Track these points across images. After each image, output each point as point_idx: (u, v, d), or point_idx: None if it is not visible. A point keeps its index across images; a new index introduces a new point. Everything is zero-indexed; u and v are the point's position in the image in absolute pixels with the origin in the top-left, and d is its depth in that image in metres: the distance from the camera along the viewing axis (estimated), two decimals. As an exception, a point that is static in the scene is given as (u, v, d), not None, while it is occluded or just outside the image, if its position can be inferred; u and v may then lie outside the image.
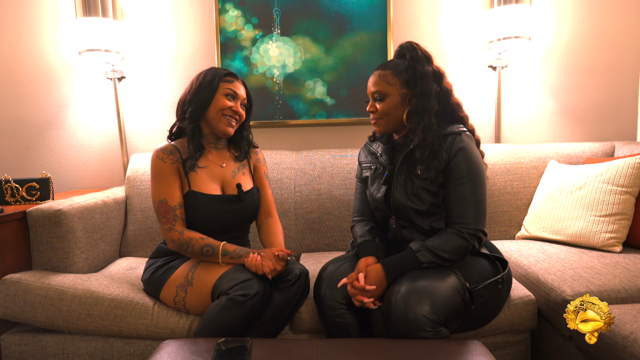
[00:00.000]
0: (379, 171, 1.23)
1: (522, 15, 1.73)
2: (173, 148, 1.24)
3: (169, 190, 1.20)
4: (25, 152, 1.98)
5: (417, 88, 1.11)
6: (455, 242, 1.07)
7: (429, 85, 1.11)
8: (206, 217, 1.21)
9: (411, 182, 1.13)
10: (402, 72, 1.13)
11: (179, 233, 1.17)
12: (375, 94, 1.16)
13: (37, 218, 1.32)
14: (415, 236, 1.17)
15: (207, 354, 0.86)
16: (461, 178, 1.09)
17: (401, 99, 1.13)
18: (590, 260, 1.33)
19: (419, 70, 1.11)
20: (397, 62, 1.16)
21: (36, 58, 1.93)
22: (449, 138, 1.12)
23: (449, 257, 1.06)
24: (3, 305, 1.21)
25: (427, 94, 1.11)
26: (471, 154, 1.11)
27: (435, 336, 0.94)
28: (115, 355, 1.22)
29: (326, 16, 1.90)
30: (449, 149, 1.11)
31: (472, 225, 1.08)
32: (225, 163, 1.31)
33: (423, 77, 1.11)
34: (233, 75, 1.27)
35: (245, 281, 1.07)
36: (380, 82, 1.14)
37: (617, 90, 1.98)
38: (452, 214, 1.10)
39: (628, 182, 1.42)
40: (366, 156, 1.31)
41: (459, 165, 1.09)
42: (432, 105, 1.11)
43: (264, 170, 1.41)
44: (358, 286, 1.05)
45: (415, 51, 1.14)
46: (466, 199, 1.09)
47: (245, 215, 1.29)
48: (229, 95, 1.25)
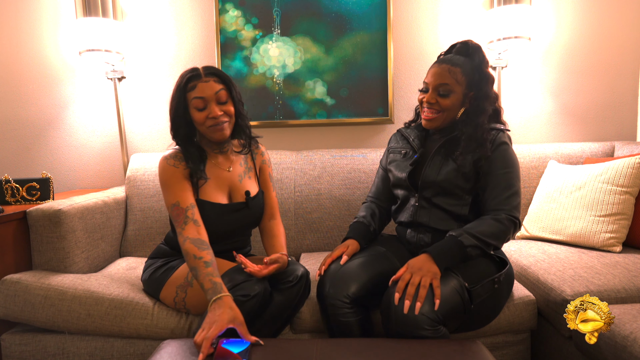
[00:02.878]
0: (409, 154, 1.27)
1: (522, 15, 1.73)
2: (180, 155, 1.19)
3: (181, 193, 1.14)
4: (25, 152, 1.98)
5: (480, 90, 1.15)
6: (495, 226, 1.08)
7: (489, 89, 1.16)
8: (213, 225, 1.19)
9: (447, 164, 1.17)
10: (470, 73, 1.16)
11: (184, 241, 1.09)
12: (441, 88, 1.15)
13: (37, 218, 1.32)
14: (432, 220, 1.19)
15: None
16: (502, 168, 1.13)
17: (463, 98, 1.17)
18: (590, 260, 1.33)
19: (485, 74, 1.15)
20: (464, 61, 1.17)
21: (36, 58, 1.93)
22: (493, 132, 1.17)
23: (491, 241, 1.07)
24: (3, 306, 1.21)
25: (487, 97, 1.15)
26: (512, 151, 1.17)
27: (434, 335, 0.94)
28: (115, 355, 1.22)
29: (326, 16, 1.90)
30: (493, 142, 1.15)
31: (510, 211, 1.10)
32: (231, 166, 1.27)
33: (487, 79, 1.16)
34: (195, 78, 1.14)
35: (245, 282, 1.06)
36: (450, 77, 1.15)
37: (617, 90, 1.98)
38: (491, 201, 1.13)
39: (628, 182, 1.42)
40: (397, 141, 1.35)
41: (501, 156, 1.14)
42: (487, 108, 1.15)
43: (269, 171, 1.37)
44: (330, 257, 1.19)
45: (482, 54, 1.17)
46: (505, 187, 1.12)
47: (250, 220, 1.28)
48: (200, 107, 1.14)
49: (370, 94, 1.93)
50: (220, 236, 1.23)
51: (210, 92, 1.14)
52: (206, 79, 1.14)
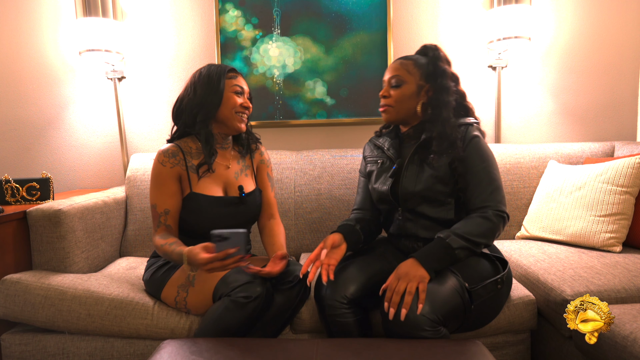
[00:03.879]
0: (385, 165, 1.24)
1: (522, 15, 1.73)
2: (176, 149, 1.22)
3: (160, 196, 1.19)
4: (25, 152, 1.98)
5: (436, 82, 1.15)
6: (483, 224, 1.07)
7: (448, 82, 1.15)
8: (207, 220, 1.21)
9: (423, 171, 1.15)
10: (423, 66, 1.17)
11: (154, 239, 1.18)
12: (393, 79, 1.18)
13: (37, 218, 1.32)
14: (419, 230, 1.18)
15: (207, 354, 0.86)
16: (479, 164, 1.12)
17: (417, 89, 1.17)
18: (590, 260, 1.33)
19: (439, 67, 1.16)
20: (419, 57, 1.20)
21: (36, 58, 1.93)
22: (462, 128, 1.16)
23: (479, 240, 1.05)
24: (3, 305, 1.21)
25: (446, 89, 1.15)
26: (484, 143, 1.16)
27: (434, 336, 0.94)
28: (115, 355, 1.22)
29: (326, 16, 1.90)
30: (463, 138, 1.14)
31: (495, 206, 1.09)
32: (230, 164, 1.29)
33: (443, 73, 1.16)
34: (234, 71, 1.26)
35: (248, 283, 1.06)
36: (400, 68, 1.17)
37: (617, 90, 1.98)
38: (474, 199, 1.11)
39: (628, 182, 1.42)
40: (372, 150, 1.32)
41: (475, 152, 1.13)
42: (450, 101, 1.15)
43: (268, 171, 1.38)
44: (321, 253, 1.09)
45: (437, 51, 1.19)
46: (485, 182, 1.11)
47: (246, 217, 1.29)
48: (237, 92, 1.23)
49: (370, 94, 1.93)
50: None
51: (246, 88, 1.28)
52: (242, 77, 1.28)
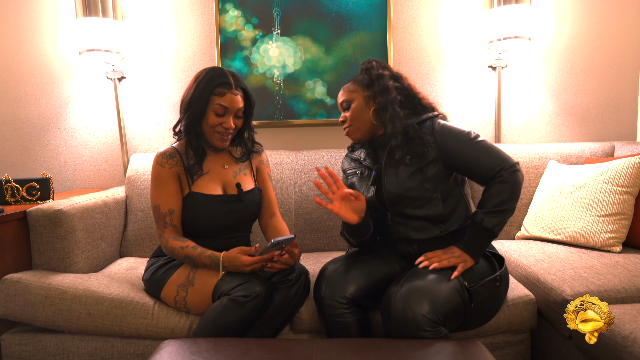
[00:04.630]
0: (365, 174, 1.25)
1: (522, 15, 1.73)
2: (173, 151, 1.23)
3: (162, 196, 1.20)
4: (25, 152, 1.98)
5: (375, 87, 1.18)
6: (506, 189, 1.08)
7: (386, 82, 1.17)
8: (206, 218, 1.21)
9: (402, 172, 1.15)
10: (360, 80, 1.22)
11: (166, 241, 1.18)
12: (343, 104, 1.22)
13: (37, 218, 1.32)
14: (411, 232, 1.18)
15: (207, 354, 0.86)
16: (463, 145, 1.12)
17: (365, 101, 1.20)
18: (590, 260, 1.33)
19: (374, 74, 1.19)
20: (355, 75, 1.25)
21: (36, 58, 1.93)
22: (427, 122, 1.17)
23: (510, 205, 1.08)
24: (3, 305, 1.21)
25: (386, 88, 1.17)
26: (453, 125, 1.16)
27: (435, 336, 0.94)
28: (115, 355, 1.22)
29: (326, 16, 1.90)
30: (432, 131, 1.14)
31: (506, 166, 1.09)
32: (227, 164, 1.30)
33: (379, 77, 1.18)
34: (226, 86, 1.17)
35: (247, 282, 1.07)
36: (344, 93, 1.22)
37: (617, 90, 1.98)
38: (483, 173, 1.11)
39: (628, 182, 1.43)
40: (349, 163, 1.33)
41: (450, 138, 1.13)
42: (393, 97, 1.16)
43: (267, 171, 1.39)
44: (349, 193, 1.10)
45: (369, 62, 1.23)
46: (483, 154, 1.11)
47: (246, 215, 1.29)
48: (219, 112, 1.17)
49: (370, 94, 1.92)
50: (218, 231, 1.24)
51: (235, 106, 1.19)
52: (236, 91, 1.19)
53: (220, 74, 1.19)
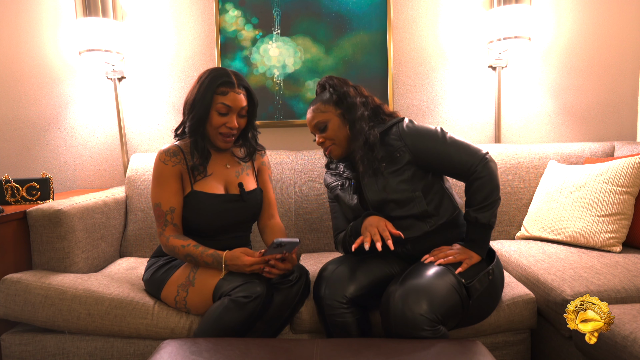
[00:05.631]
0: (345, 185, 1.27)
1: (522, 15, 1.73)
2: (177, 149, 1.23)
3: (164, 194, 1.19)
4: (25, 152, 1.98)
5: (344, 104, 1.20)
6: (484, 183, 1.12)
7: (353, 99, 1.20)
8: (208, 217, 1.21)
9: (380, 178, 1.17)
10: (328, 99, 1.23)
11: (167, 239, 1.18)
12: (318, 126, 1.23)
13: (37, 218, 1.32)
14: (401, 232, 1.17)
15: (207, 354, 0.86)
16: (433, 144, 1.15)
17: (340, 119, 1.21)
18: (590, 260, 1.33)
19: (339, 91, 1.22)
20: (321, 94, 1.26)
21: (36, 58, 1.93)
22: (394, 128, 1.19)
23: (495, 197, 1.12)
24: (3, 305, 1.21)
25: (353, 105, 1.20)
26: (420, 125, 1.19)
27: (434, 335, 0.94)
28: (115, 355, 1.22)
29: (326, 16, 1.90)
30: (400, 136, 1.17)
31: (477, 161, 1.13)
32: (229, 164, 1.30)
33: (345, 94, 1.21)
34: (229, 85, 1.17)
35: (248, 283, 1.07)
36: (316, 114, 1.22)
37: (617, 90, 1.98)
38: (456, 170, 1.15)
39: (628, 182, 1.43)
40: (331, 177, 1.35)
41: (420, 138, 1.16)
42: (360, 113, 1.19)
43: (269, 173, 1.40)
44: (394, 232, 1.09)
45: (331, 79, 1.25)
46: (453, 151, 1.14)
47: (247, 215, 1.29)
48: (222, 112, 1.18)
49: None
50: (218, 230, 1.24)
51: (238, 105, 1.19)
52: (239, 90, 1.19)
53: (223, 73, 1.19)
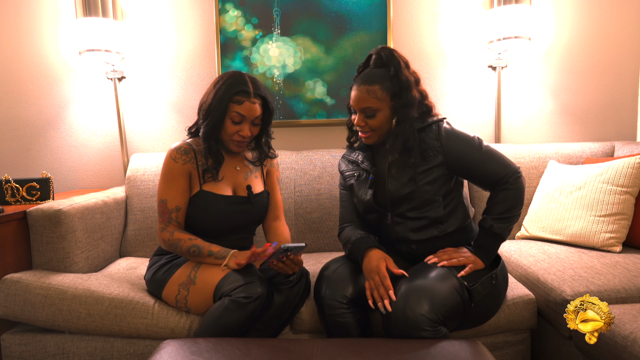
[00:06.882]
0: (362, 177, 1.23)
1: (522, 15, 1.73)
2: (188, 147, 1.23)
3: (171, 191, 1.20)
4: (25, 152, 1.98)
5: (401, 98, 1.11)
6: (511, 196, 1.10)
7: (412, 95, 1.12)
8: (215, 217, 1.21)
9: (406, 174, 1.14)
10: (389, 87, 1.12)
11: (170, 234, 1.18)
12: (366, 111, 1.13)
13: (37, 218, 1.32)
14: (409, 233, 1.17)
15: (207, 354, 0.86)
16: (470, 151, 1.12)
17: (391, 112, 1.14)
18: (590, 260, 1.33)
19: (403, 81, 1.11)
20: (382, 74, 1.13)
21: (36, 58, 1.93)
22: (433, 127, 1.14)
23: (516, 212, 1.11)
24: (3, 305, 1.21)
25: (411, 104, 1.12)
26: (459, 130, 1.15)
27: (434, 335, 0.94)
28: (115, 355, 1.22)
29: (326, 16, 1.90)
30: (438, 136, 1.13)
31: (510, 173, 1.11)
32: (239, 166, 1.30)
33: (408, 87, 1.11)
34: (245, 94, 1.16)
35: (248, 283, 1.07)
36: (369, 98, 1.12)
37: (617, 90, 1.98)
38: (487, 179, 1.13)
39: (628, 182, 1.42)
40: (347, 165, 1.30)
41: (457, 143, 1.13)
42: (413, 114, 1.13)
43: (277, 175, 1.40)
44: (396, 272, 1.07)
45: (397, 59, 1.13)
46: (488, 160, 1.12)
47: (253, 217, 1.29)
48: (236, 120, 1.17)
49: (370, 94, 1.92)
50: (224, 231, 1.24)
51: (252, 114, 1.18)
52: (254, 100, 1.18)
53: (240, 81, 1.17)
